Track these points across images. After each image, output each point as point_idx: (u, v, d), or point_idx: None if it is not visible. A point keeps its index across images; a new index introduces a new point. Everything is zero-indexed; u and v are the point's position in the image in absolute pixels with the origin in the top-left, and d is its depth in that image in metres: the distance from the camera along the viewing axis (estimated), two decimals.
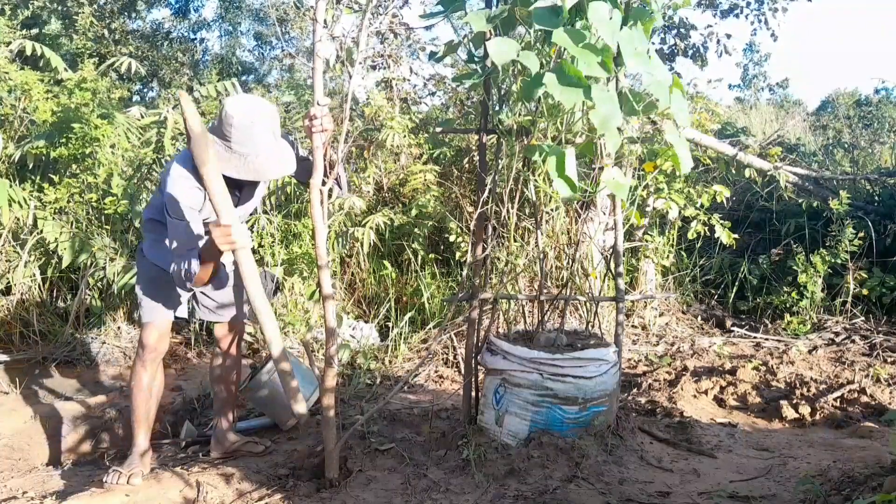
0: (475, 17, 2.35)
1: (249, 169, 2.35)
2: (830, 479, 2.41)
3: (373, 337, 4.27)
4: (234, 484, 2.50)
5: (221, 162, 2.31)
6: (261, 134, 2.32)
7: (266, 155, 2.34)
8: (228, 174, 2.33)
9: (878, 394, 3.49)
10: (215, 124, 2.38)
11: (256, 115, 2.32)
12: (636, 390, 3.74)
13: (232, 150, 2.32)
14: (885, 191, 5.65)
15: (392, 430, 2.93)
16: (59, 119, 4.04)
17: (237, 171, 2.34)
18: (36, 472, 2.75)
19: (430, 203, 4.87)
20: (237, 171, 2.34)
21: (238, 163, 2.33)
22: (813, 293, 4.94)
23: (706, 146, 5.30)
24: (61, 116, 4.04)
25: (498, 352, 2.71)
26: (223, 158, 2.32)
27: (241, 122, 2.30)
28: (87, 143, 3.93)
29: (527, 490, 2.39)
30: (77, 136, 3.89)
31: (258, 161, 2.34)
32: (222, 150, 2.33)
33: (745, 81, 14.09)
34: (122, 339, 4.09)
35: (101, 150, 4.03)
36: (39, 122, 4.14)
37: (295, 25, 9.20)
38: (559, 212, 4.35)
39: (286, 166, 2.44)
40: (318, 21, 2.25)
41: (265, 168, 2.36)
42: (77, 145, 3.91)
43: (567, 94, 2.11)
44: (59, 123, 4.02)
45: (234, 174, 2.35)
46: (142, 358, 2.61)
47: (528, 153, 2.37)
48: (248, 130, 2.30)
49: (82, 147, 3.92)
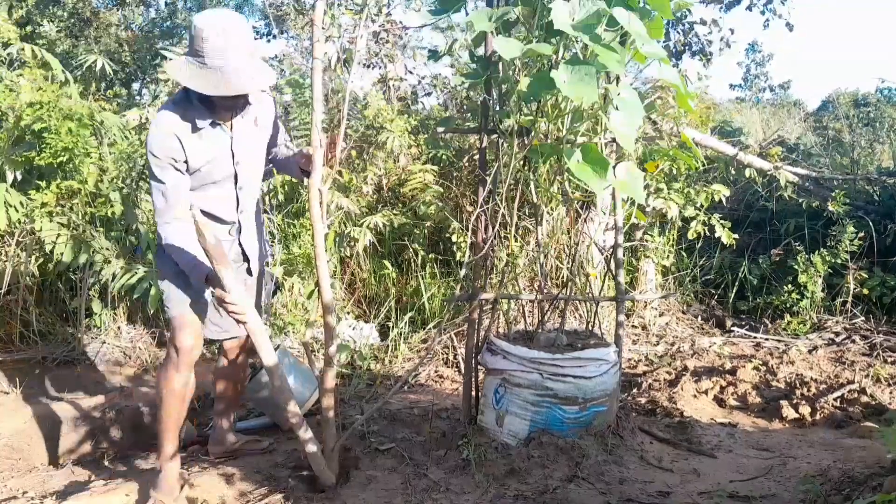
0: (477, 17, 2.36)
1: (228, 83, 2.17)
2: (830, 479, 2.41)
3: (373, 337, 4.26)
4: (235, 484, 2.50)
5: (198, 80, 2.16)
6: (235, 46, 2.17)
7: (243, 67, 2.18)
8: (208, 92, 2.17)
9: (879, 394, 3.49)
10: (187, 45, 2.22)
11: (228, 26, 2.17)
12: (636, 390, 3.74)
13: (207, 65, 2.15)
14: (885, 191, 5.65)
15: (392, 430, 2.92)
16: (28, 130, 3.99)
17: (215, 87, 2.17)
18: (36, 472, 2.75)
19: (430, 203, 4.87)
20: (215, 87, 2.17)
21: (215, 78, 2.16)
22: (813, 293, 4.94)
23: (706, 146, 5.30)
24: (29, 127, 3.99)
25: (498, 352, 2.71)
26: (199, 76, 2.16)
27: (212, 35, 2.14)
28: (59, 154, 3.88)
29: (527, 490, 2.39)
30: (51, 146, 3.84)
31: (236, 74, 2.17)
32: (196, 69, 2.16)
33: (747, 82, 14.10)
34: (122, 339, 4.09)
35: (80, 155, 3.97)
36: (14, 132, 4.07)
37: (295, 25, 9.19)
38: (559, 212, 4.35)
39: (266, 76, 2.27)
40: (316, 22, 2.24)
41: (244, 80, 2.19)
42: (50, 154, 3.87)
43: (577, 90, 2.11)
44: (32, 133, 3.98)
45: (212, 91, 2.17)
46: (175, 362, 2.43)
47: (532, 154, 2.38)
48: (220, 42, 2.15)
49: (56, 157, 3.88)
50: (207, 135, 2.34)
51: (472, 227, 2.79)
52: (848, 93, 10.01)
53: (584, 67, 2.13)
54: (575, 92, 2.10)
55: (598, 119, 2.39)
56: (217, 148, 2.37)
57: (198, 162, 2.33)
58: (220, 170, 2.39)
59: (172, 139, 2.27)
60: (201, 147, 2.33)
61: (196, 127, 2.30)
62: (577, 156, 2.25)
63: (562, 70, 2.14)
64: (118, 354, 4.01)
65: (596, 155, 2.24)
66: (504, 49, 2.18)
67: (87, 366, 3.89)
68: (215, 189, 2.42)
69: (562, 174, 2.84)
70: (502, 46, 2.18)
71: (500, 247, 3.18)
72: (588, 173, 2.23)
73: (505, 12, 2.33)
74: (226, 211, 2.48)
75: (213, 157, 2.36)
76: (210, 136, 2.35)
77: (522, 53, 2.19)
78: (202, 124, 2.31)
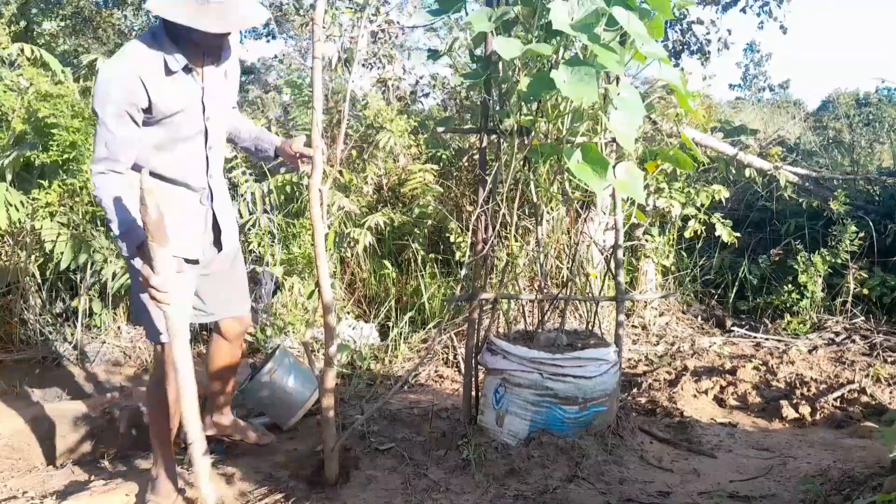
0: (477, 17, 2.36)
1: (227, 18, 2.08)
2: (830, 479, 2.41)
3: (373, 337, 4.27)
4: (235, 484, 2.50)
5: (199, 17, 2.02)
6: None
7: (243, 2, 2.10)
8: (208, 29, 2.05)
9: (879, 394, 3.49)
10: None
11: None
12: (636, 390, 3.74)
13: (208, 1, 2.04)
14: (885, 191, 5.65)
15: (392, 429, 2.92)
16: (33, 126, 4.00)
17: (216, 24, 2.05)
18: (36, 472, 2.75)
19: (428, 204, 4.88)
20: (216, 24, 2.05)
21: (215, 14, 2.06)
22: (813, 293, 4.94)
23: (706, 145, 5.30)
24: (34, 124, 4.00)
25: (498, 352, 2.71)
26: (199, 13, 2.04)
27: None
28: (66, 150, 3.89)
29: (527, 490, 2.39)
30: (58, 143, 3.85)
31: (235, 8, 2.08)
32: (196, 5, 2.05)
33: (746, 81, 14.11)
34: (122, 339, 4.09)
35: (85, 152, 3.99)
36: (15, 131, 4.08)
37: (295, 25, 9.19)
38: (559, 212, 4.35)
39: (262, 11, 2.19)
40: (316, 22, 2.24)
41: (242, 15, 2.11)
42: (58, 151, 3.88)
43: (577, 90, 2.10)
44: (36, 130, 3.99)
45: (212, 28, 2.05)
46: (169, 377, 2.27)
47: (532, 154, 2.38)
48: None
49: (63, 153, 3.89)
50: (179, 81, 2.13)
51: (472, 227, 2.79)
52: (848, 93, 10.01)
53: (583, 67, 2.13)
54: (575, 92, 2.10)
55: (598, 119, 2.39)
56: (188, 97, 2.16)
57: (168, 108, 2.11)
58: (191, 124, 2.19)
59: (136, 82, 2.03)
60: (171, 94, 2.11)
61: (169, 70, 2.08)
62: (577, 156, 2.25)
63: (561, 70, 2.14)
64: (118, 354, 4.01)
65: (596, 155, 2.24)
66: (504, 49, 2.18)
67: (87, 366, 3.89)
68: (184, 147, 2.20)
69: (562, 174, 2.84)
70: (502, 47, 2.18)
71: (500, 247, 3.18)
72: (588, 173, 2.23)
73: (504, 12, 2.33)
74: (195, 174, 2.26)
75: (184, 108, 2.15)
76: (181, 84, 2.14)
77: (522, 54, 2.19)
78: (175, 67, 2.09)
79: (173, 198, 2.20)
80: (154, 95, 2.05)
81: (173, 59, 2.08)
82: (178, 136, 2.17)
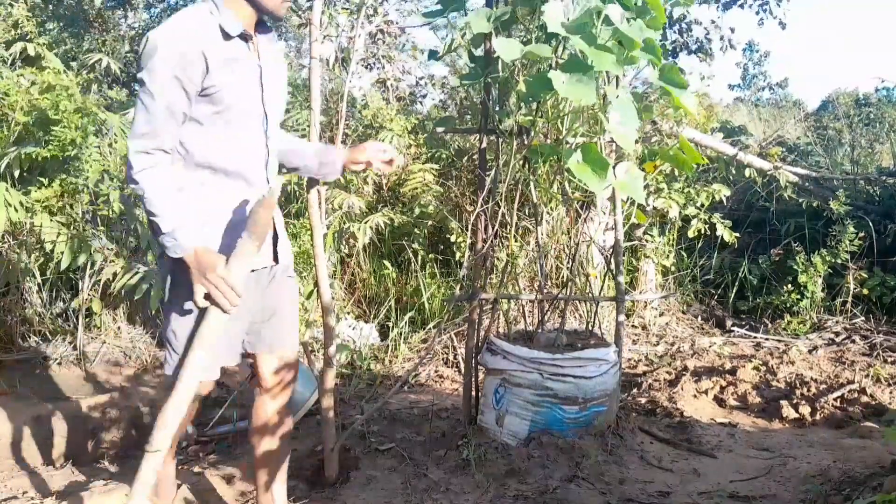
0: (476, 17, 2.35)
1: None
2: (830, 479, 2.41)
3: (373, 337, 4.27)
4: (235, 484, 2.50)
5: None
6: None
7: None
8: None
9: (879, 394, 3.49)
10: None
11: None
12: (636, 390, 3.74)
13: None
14: (885, 191, 5.65)
15: (392, 430, 2.92)
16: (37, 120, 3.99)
17: None
18: (36, 472, 2.75)
19: (428, 204, 4.88)
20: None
21: None
22: (813, 293, 4.94)
23: (706, 146, 5.30)
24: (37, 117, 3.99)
25: (498, 352, 2.71)
26: None
27: None
28: (67, 146, 3.88)
29: (527, 490, 2.39)
30: (59, 139, 3.85)
31: None
32: None
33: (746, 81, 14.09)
34: (122, 339, 4.09)
35: (86, 150, 3.99)
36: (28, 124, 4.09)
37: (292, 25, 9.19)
38: (559, 212, 4.35)
39: None
40: (314, 23, 2.24)
41: None
42: (58, 147, 3.87)
43: (576, 91, 2.09)
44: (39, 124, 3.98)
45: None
46: None
47: (532, 154, 2.38)
48: None
49: (64, 149, 3.88)
50: (237, 51, 1.83)
51: (471, 227, 2.79)
52: (847, 93, 10.00)
53: (581, 68, 2.12)
54: (573, 93, 2.08)
55: (598, 119, 2.39)
56: (245, 72, 1.85)
57: (225, 80, 1.78)
58: (249, 103, 1.87)
59: (194, 45, 1.73)
60: (228, 64, 1.80)
61: (227, 34, 1.80)
62: (577, 156, 2.24)
63: (560, 71, 2.14)
64: (118, 354, 4.00)
65: (596, 155, 2.23)
66: (504, 51, 2.17)
67: (86, 366, 3.89)
68: (240, 131, 1.86)
69: (561, 174, 2.84)
70: (502, 48, 2.17)
71: (499, 247, 3.18)
72: (588, 174, 2.21)
73: (503, 13, 2.33)
74: (254, 167, 1.90)
75: (242, 82, 1.84)
76: (239, 54, 1.84)
77: (522, 55, 2.18)
78: (233, 30, 1.80)
79: (228, 193, 1.86)
80: (212, 61, 1.75)
81: (230, 22, 1.80)
82: (235, 117, 1.84)
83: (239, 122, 1.84)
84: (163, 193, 1.71)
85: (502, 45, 2.17)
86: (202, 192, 1.80)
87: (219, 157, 1.82)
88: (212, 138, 1.81)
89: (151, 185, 1.71)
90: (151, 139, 1.72)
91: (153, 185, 1.71)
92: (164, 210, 1.71)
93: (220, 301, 1.71)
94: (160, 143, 1.73)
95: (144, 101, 1.71)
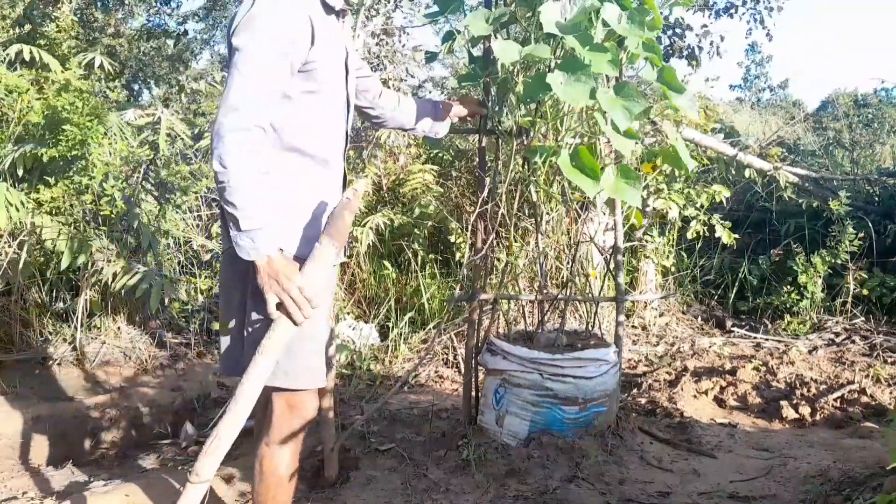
0: (474, 19, 2.35)
1: None
2: (830, 480, 2.41)
3: (373, 337, 4.27)
4: (235, 484, 2.50)
5: None
6: None
7: None
8: None
9: (878, 394, 3.49)
10: None
11: None
12: (636, 390, 3.74)
13: None
14: (885, 191, 5.66)
15: (392, 430, 2.92)
16: (48, 120, 4.00)
17: None
18: (36, 472, 2.75)
19: (428, 204, 4.88)
20: None
21: None
22: (813, 293, 4.94)
23: (706, 146, 5.30)
24: (50, 117, 4.00)
25: (498, 352, 2.71)
26: None
27: None
28: (75, 146, 3.89)
29: (527, 490, 2.39)
30: (68, 138, 3.86)
31: None
32: None
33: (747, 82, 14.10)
34: (122, 339, 4.09)
35: (94, 150, 4.00)
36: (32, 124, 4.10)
37: None
38: (559, 212, 4.35)
39: None
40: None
41: None
42: (67, 147, 3.88)
43: (575, 92, 2.08)
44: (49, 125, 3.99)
45: None
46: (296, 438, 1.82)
47: (530, 154, 2.37)
48: None
49: (72, 149, 3.89)
50: (333, 27, 1.67)
51: (471, 227, 2.79)
52: (847, 93, 10.01)
53: (579, 69, 2.12)
54: (571, 94, 2.08)
55: (597, 120, 2.38)
56: (336, 53, 1.69)
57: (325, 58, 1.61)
58: (339, 87, 1.72)
59: (304, 16, 1.55)
60: (329, 41, 1.63)
61: (329, 7, 1.64)
62: (569, 159, 2.23)
63: (558, 72, 2.13)
64: (118, 355, 4.00)
65: (588, 159, 2.21)
66: (503, 53, 2.16)
67: (86, 366, 3.89)
68: (327, 114, 1.70)
69: (561, 174, 2.84)
70: (502, 50, 2.17)
71: (499, 247, 3.18)
72: (580, 177, 2.20)
73: (502, 14, 2.32)
74: (338, 156, 1.78)
75: (335, 63, 1.68)
76: (334, 33, 1.68)
77: (522, 57, 2.18)
78: (337, 5, 1.66)
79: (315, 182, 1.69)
80: (318, 33, 1.58)
81: None
82: (327, 98, 1.68)
83: (329, 104, 1.68)
84: (250, 186, 1.50)
85: (501, 48, 2.17)
86: (287, 179, 1.62)
87: (309, 140, 1.65)
88: (304, 119, 1.62)
89: (239, 174, 1.48)
90: (249, 114, 1.50)
91: (241, 174, 1.48)
92: (247, 204, 1.49)
93: (293, 313, 1.53)
94: (258, 119, 1.51)
95: (243, 70, 1.50)
